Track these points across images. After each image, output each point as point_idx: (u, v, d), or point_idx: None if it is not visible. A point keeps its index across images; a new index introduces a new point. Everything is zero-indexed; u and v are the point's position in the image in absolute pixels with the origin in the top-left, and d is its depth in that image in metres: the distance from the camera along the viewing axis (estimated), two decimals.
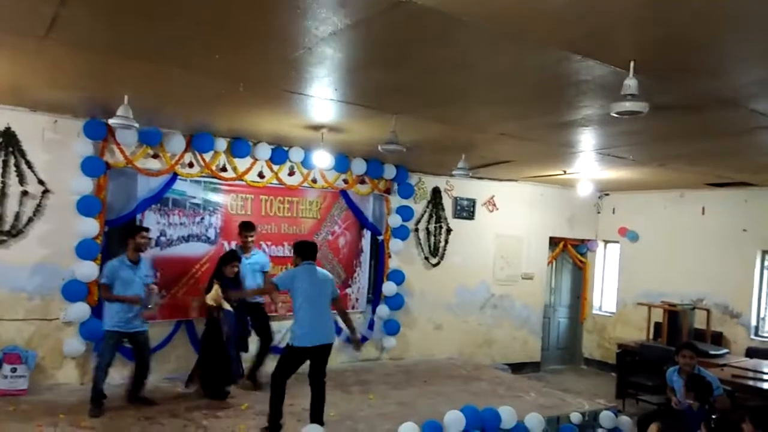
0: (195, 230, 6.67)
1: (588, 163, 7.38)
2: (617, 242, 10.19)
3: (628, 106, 3.53)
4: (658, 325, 8.55)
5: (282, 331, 6.93)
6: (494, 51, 3.52)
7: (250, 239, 6.42)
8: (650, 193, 9.55)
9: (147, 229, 5.72)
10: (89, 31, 3.58)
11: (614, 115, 3.66)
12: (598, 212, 10.45)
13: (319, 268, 5.27)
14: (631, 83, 3.44)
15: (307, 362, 5.12)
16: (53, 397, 5.54)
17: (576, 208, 10.13)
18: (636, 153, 6.48)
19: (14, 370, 5.55)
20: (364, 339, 7.84)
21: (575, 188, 9.00)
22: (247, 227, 6.43)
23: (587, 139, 5.92)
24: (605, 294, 10.54)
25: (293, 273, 5.15)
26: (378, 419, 5.44)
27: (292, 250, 5.45)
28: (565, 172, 8.18)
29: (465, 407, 5.38)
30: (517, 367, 9.11)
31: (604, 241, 10.55)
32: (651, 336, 8.62)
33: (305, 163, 7.25)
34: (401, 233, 8.17)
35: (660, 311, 8.51)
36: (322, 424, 5.05)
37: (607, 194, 10.32)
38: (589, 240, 10.47)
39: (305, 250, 5.23)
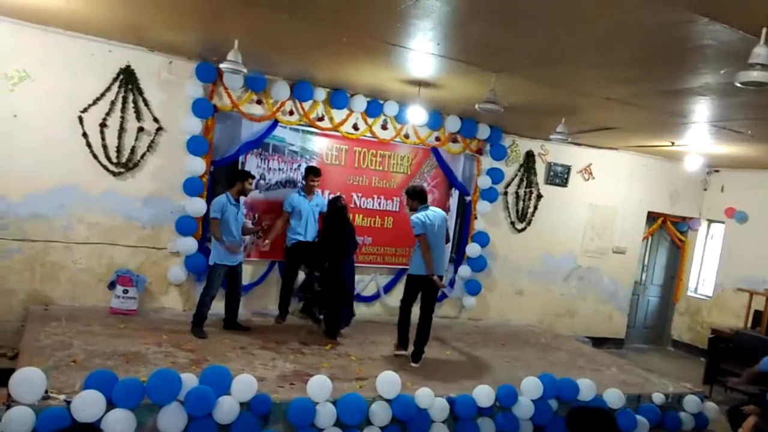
0: (292, 176, 6.92)
1: (700, 136, 6.93)
2: (722, 222, 9.56)
3: (755, 76, 3.29)
4: (758, 313, 8.05)
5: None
6: (614, 7, 3.34)
7: (315, 183, 6.64)
8: (765, 173, 8.83)
9: (253, 177, 6.12)
10: None
11: (738, 85, 3.43)
12: (705, 189, 9.81)
13: (435, 208, 5.89)
14: (761, 51, 3.22)
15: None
16: (158, 320, 6.05)
17: (680, 183, 9.57)
18: (756, 128, 6.03)
19: (126, 291, 6.09)
20: (444, 296, 7.94)
21: (682, 162, 8.47)
22: (315, 171, 6.66)
23: (702, 110, 5.55)
24: (703, 276, 9.99)
25: (423, 220, 5.62)
26: (453, 375, 5.54)
27: (408, 195, 5.85)
28: (673, 143, 7.72)
29: (542, 375, 5.36)
30: (598, 342, 8.90)
31: (708, 220, 9.93)
32: (749, 324, 8.13)
33: (399, 117, 7.27)
34: (490, 195, 8.07)
35: (762, 299, 7.99)
36: (419, 359, 5.64)
37: (716, 170, 9.64)
38: (691, 218, 9.88)
39: (423, 195, 5.83)
